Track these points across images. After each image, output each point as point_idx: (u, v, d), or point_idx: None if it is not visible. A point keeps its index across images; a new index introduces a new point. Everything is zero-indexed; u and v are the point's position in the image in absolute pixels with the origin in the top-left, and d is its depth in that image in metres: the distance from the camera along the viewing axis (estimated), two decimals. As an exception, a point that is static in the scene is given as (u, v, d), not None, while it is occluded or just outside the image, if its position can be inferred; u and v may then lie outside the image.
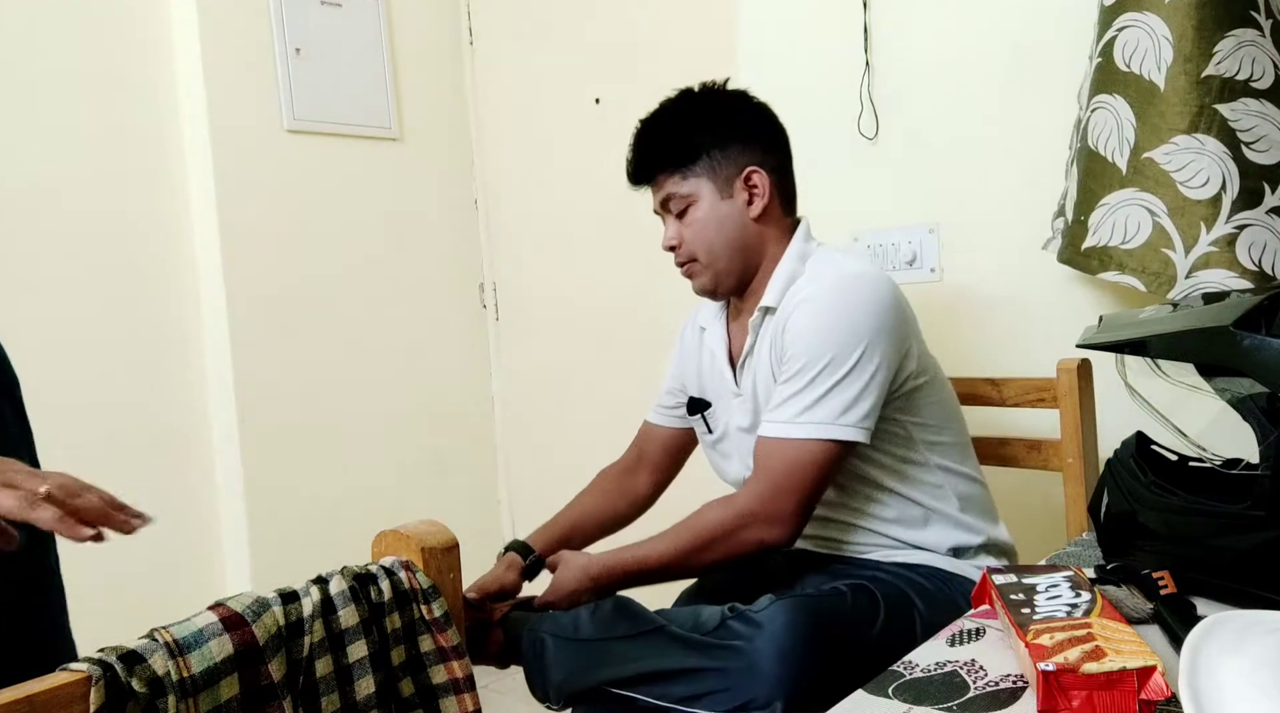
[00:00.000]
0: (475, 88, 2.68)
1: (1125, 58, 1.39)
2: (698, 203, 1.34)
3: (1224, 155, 1.32)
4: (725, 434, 1.41)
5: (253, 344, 2.21)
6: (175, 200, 2.19)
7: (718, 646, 1.12)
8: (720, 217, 1.34)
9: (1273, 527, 0.76)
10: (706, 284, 1.38)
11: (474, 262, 2.72)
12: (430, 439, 2.58)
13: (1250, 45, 1.31)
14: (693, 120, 1.35)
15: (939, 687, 0.72)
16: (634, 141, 1.38)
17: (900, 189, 1.81)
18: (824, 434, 1.21)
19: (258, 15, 2.23)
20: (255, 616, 0.58)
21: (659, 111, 1.38)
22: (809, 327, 1.24)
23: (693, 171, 1.33)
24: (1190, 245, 1.34)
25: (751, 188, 1.33)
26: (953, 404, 1.39)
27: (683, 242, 1.36)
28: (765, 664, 1.07)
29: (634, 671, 1.15)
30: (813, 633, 1.09)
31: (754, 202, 1.34)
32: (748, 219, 1.34)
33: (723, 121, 1.35)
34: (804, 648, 1.08)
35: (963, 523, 1.31)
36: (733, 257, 1.35)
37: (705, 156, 1.33)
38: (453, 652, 0.68)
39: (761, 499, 1.23)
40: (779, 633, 1.09)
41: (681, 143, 1.34)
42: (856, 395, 1.22)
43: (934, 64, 1.75)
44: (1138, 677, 0.61)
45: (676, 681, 1.12)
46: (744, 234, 1.34)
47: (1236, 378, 0.82)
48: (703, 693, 1.11)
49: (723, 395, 1.41)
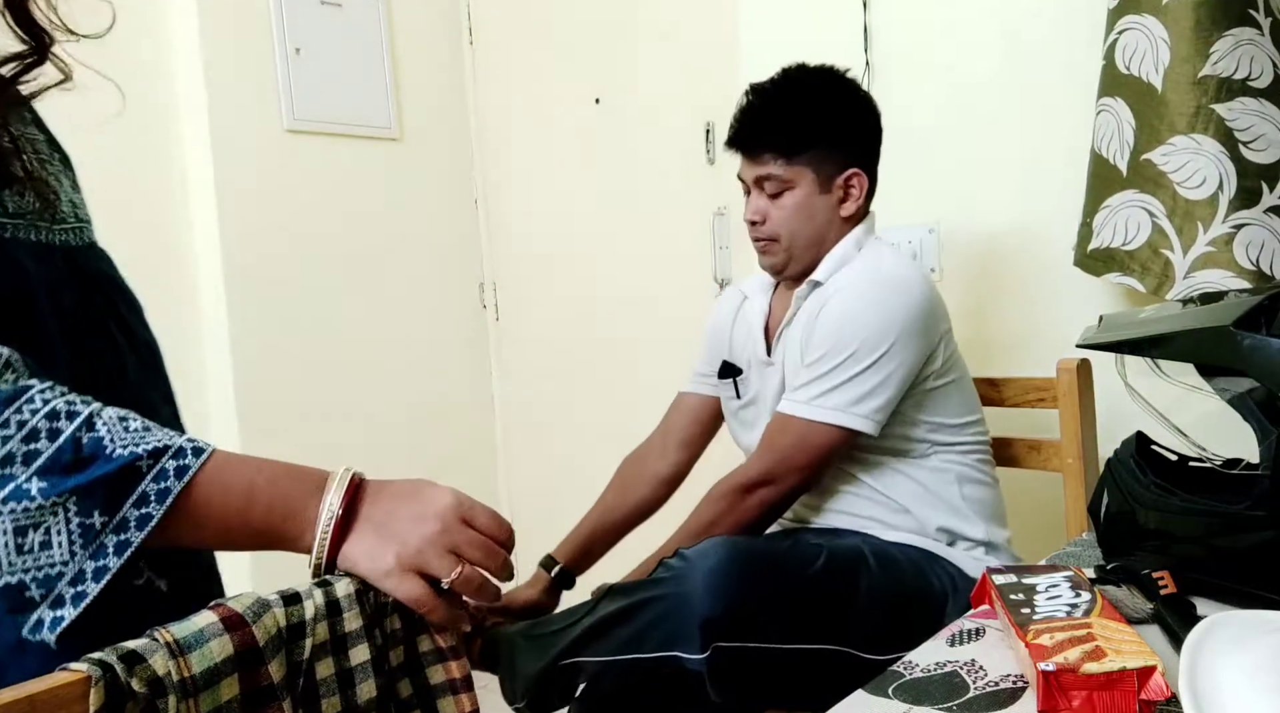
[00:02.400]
0: (475, 88, 2.68)
1: (1125, 60, 1.39)
2: (795, 189, 1.34)
3: (1221, 155, 1.32)
4: (753, 401, 1.43)
5: (253, 344, 2.21)
6: (175, 200, 2.19)
7: (654, 580, 1.15)
8: (813, 209, 1.35)
9: (1273, 527, 0.76)
10: (777, 263, 1.39)
11: (474, 262, 2.72)
12: (430, 439, 2.58)
13: (1249, 44, 1.31)
14: (812, 108, 1.34)
15: (939, 687, 0.72)
16: (745, 110, 1.36)
17: (900, 189, 1.81)
18: (835, 419, 1.26)
19: (258, 15, 2.23)
20: (256, 616, 0.58)
21: (779, 86, 1.36)
22: (842, 315, 1.28)
23: (799, 159, 1.33)
24: (1188, 246, 1.35)
25: (849, 188, 1.36)
26: (975, 409, 1.41)
27: (767, 219, 1.36)
28: (690, 588, 1.09)
29: (580, 630, 1.16)
30: (741, 562, 1.12)
31: (848, 201, 1.36)
32: (837, 217, 1.36)
33: (840, 117, 1.35)
34: (731, 575, 1.10)
35: (957, 508, 1.33)
36: (811, 247, 1.36)
37: (816, 148, 1.33)
38: (451, 652, 0.68)
39: (764, 469, 1.28)
40: (708, 560, 1.11)
41: (797, 128, 1.33)
42: (873, 388, 1.25)
43: (934, 64, 1.75)
44: (1138, 677, 0.61)
45: (616, 626, 1.14)
46: (828, 229, 1.37)
47: (1236, 378, 0.82)
48: (637, 633, 1.12)
49: (754, 364, 1.43)
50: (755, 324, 1.44)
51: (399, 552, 0.65)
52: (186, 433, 0.69)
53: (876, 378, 1.26)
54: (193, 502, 0.61)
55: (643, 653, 1.11)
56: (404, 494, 0.68)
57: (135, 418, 0.63)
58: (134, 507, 0.59)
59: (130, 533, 0.59)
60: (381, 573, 0.64)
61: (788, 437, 1.28)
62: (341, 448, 2.36)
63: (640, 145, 2.31)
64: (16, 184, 0.69)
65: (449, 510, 0.67)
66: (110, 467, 0.59)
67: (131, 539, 0.59)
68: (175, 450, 0.61)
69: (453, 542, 0.66)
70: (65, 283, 0.72)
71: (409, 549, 0.65)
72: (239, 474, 0.64)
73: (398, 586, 0.65)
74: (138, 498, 0.60)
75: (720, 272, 2.16)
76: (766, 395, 1.40)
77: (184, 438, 0.63)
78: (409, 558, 0.65)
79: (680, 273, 2.24)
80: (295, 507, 0.65)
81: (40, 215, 0.72)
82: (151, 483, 0.60)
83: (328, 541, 0.64)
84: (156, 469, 0.60)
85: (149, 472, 0.60)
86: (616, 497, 1.56)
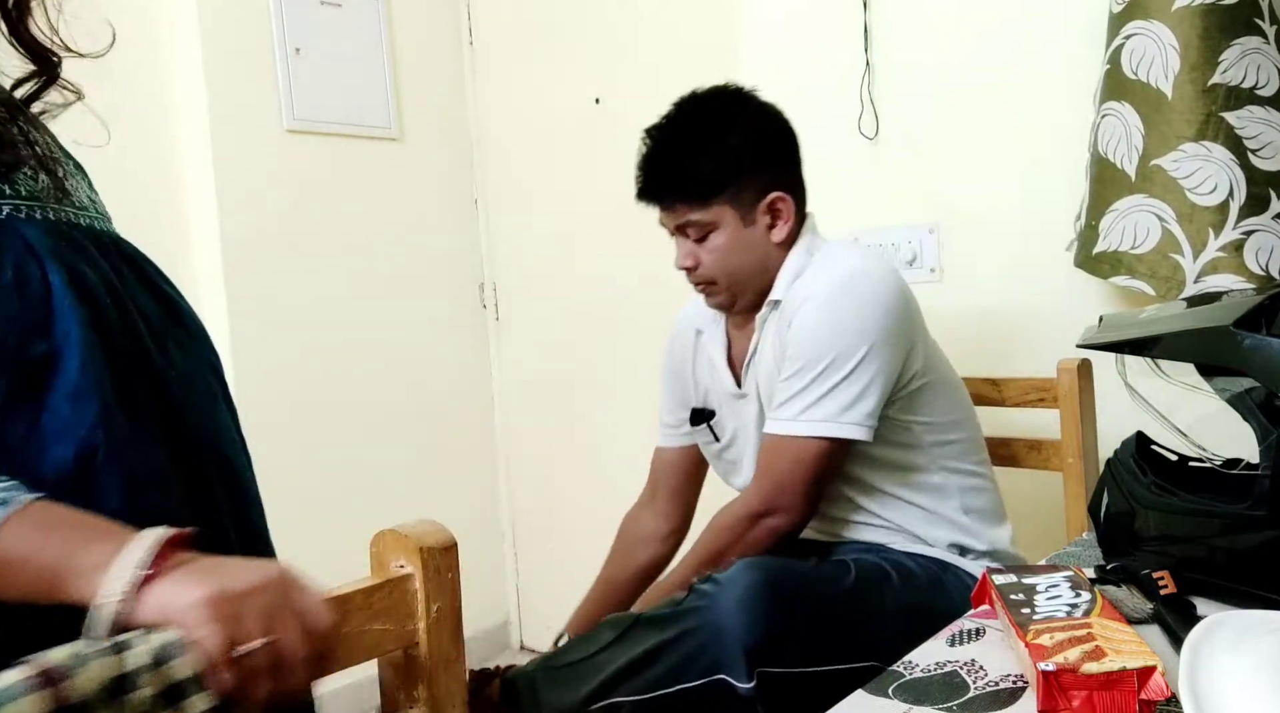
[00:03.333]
0: (475, 88, 2.68)
1: (1132, 66, 1.40)
2: (719, 230, 1.29)
3: (1231, 162, 1.33)
4: (733, 440, 1.39)
5: (253, 344, 2.21)
6: (175, 200, 2.19)
7: (685, 611, 1.12)
8: (743, 245, 1.30)
9: (1273, 527, 0.76)
10: (723, 303, 1.35)
11: (474, 262, 2.72)
12: (430, 439, 2.58)
13: (1255, 53, 1.32)
14: (711, 149, 1.27)
15: (939, 687, 0.72)
16: (646, 159, 1.31)
17: (900, 189, 1.81)
18: (826, 431, 1.22)
19: (258, 15, 2.23)
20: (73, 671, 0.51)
21: (671, 131, 1.31)
22: (812, 325, 1.24)
23: (713, 200, 1.28)
24: (1199, 251, 1.36)
25: (776, 213, 1.30)
26: (964, 405, 1.39)
27: (699, 263, 1.31)
28: (727, 619, 1.08)
29: (613, 669, 1.14)
30: (772, 585, 1.10)
31: (777, 226, 1.31)
32: (770, 245, 1.31)
33: (745, 146, 1.28)
34: (763, 599, 1.08)
35: (962, 525, 1.31)
36: (753, 278, 1.32)
37: (727, 185, 1.27)
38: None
39: (766, 497, 1.24)
40: (740, 586, 1.09)
41: (701, 171, 1.27)
42: (858, 394, 1.22)
43: (934, 64, 1.75)
44: (1138, 677, 0.61)
45: (653, 663, 1.11)
46: (765, 257, 1.31)
47: (1236, 378, 0.82)
48: (676, 665, 1.10)
49: (725, 400, 1.39)
50: (717, 358, 1.39)
51: (213, 591, 0.57)
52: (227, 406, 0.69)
53: (860, 383, 1.21)
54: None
55: (686, 683, 1.08)
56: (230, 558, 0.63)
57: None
58: None
59: None
60: (184, 605, 0.56)
61: (782, 458, 1.24)
62: (341, 448, 2.37)
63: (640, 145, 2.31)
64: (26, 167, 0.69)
65: (284, 572, 0.61)
66: None
67: None
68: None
69: (272, 604, 0.59)
70: (89, 259, 0.71)
71: (225, 593, 0.57)
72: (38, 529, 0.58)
73: (196, 626, 0.56)
74: None
75: (720, 272, 2.16)
76: (746, 430, 1.36)
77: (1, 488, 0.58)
78: (222, 602, 0.57)
79: (680, 273, 2.23)
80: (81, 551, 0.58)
81: (54, 197, 0.72)
82: None
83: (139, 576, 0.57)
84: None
85: None
86: (619, 565, 1.51)
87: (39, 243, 0.68)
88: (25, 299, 0.66)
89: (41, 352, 0.66)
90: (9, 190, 0.68)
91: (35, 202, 0.70)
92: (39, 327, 0.66)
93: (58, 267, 0.68)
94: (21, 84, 0.76)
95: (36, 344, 0.65)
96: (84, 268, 0.70)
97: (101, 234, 0.75)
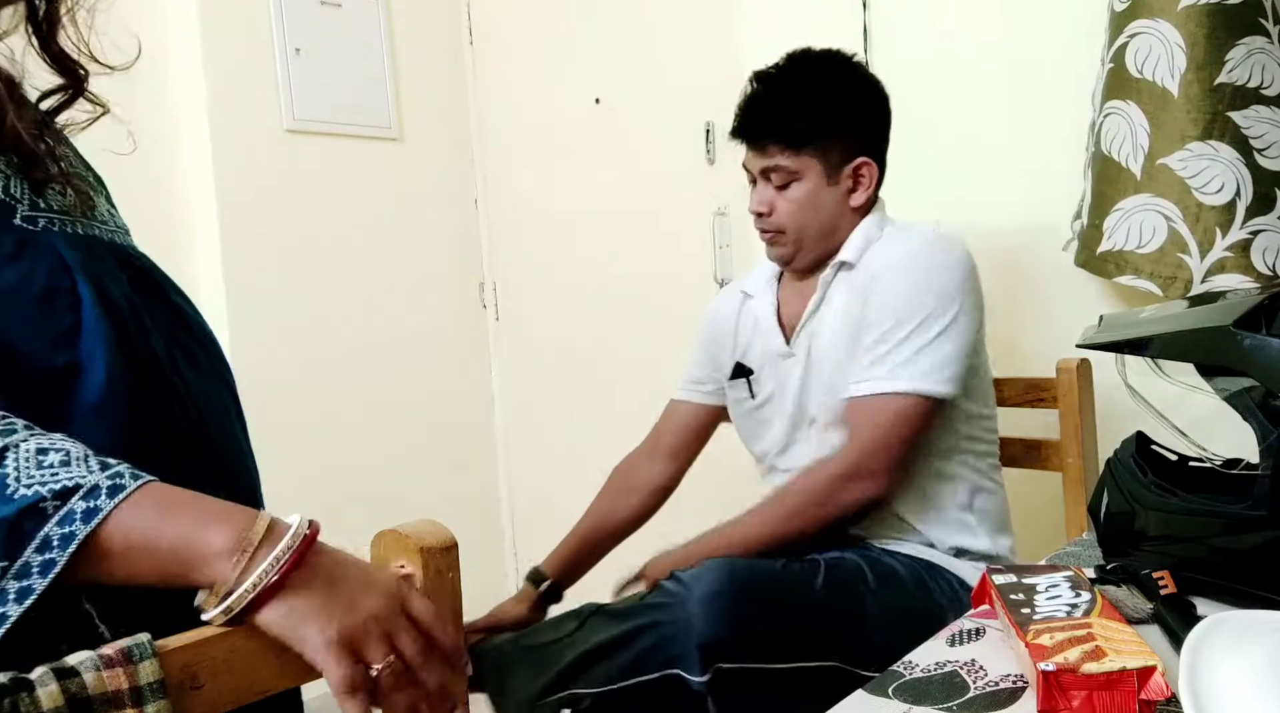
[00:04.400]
0: (475, 88, 2.68)
1: (1138, 64, 1.40)
2: (801, 181, 1.30)
3: (1237, 162, 1.33)
4: (769, 399, 1.39)
5: (253, 344, 2.21)
6: (175, 200, 2.19)
7: (648, 605, 1.13)
8: (821, 200, 1.31)
9: (1273, 527, 0.76)
10: (784, 255, 1.35)
11: (474, 262, 2.72)
12: (430, 439, 2.58)
13: (1260, 53, 1.32)
14: (818, 97, 1.30)
15: (939, 687, 0.72)
16: (750, 99, 1.33)
17: (900, 189, 1.80)
18: (915, 387, 1.21)
19: (258, 15, 2.23)
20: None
21: (783, 74, 1.33)
22: (903, 285, 1.24)
23: (806, 150, 1.29)
24: (1206, 250, 1.36)
25: (859, 178, 1.32)
26: (993, 403, 1.40)
27: (774, 211, 1.32)
28: (691, 616, 1.08)
29: (575, 654, 1.14)
30: (738, 586, 1.10)
31: (857, 191, 1.32)
32: (847, 207, 1.32)
33: (847, 105, 1.31)
34: (727, 598, 1.09)
35: (964, 524, 1.31)
36: (820, 239, 1.33)
37: (822, 138, 1.29)
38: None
39: (855, 458, 1.23)
40: (705, 585, 1.10)
41: (801, 119, 1.29)
42: (950, 354, 1.23)
43: (934, 64, 1.75)
44: (1138, 677, 0.61)
45: (614, 652, 1.12)
46: (838, 219, 1.33)
47: (1236, 378, 0.82)
48: (637, 658, 1.11)
49: (769, 360, 1.38)
50: (764, 319, 1.40)
51: (343, 625, 0.58)
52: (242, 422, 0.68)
53: (951, 343, 1.22)
54: (104, 545, 0.56)
55: (645, 676, 1.09)
56: (350, 556, 0.63)
57: (59, 450, 0.58)
58: (36, 552, 0.55)
59: (33, 579, 0.55)
60: (322, 644, 0.58)
61: (878, 417, 1.22)
62: (341, 448, 2.37)
63: (640, 145, 2.31)
64: (55, 183, 0.70)
65: (393, 590, 0.62)
66: (9, 509, 0.55)
67: (34, 586, 0.55)
68: (88, 490, 0.57)
69: (390, 627, 0.61)
70: (110, 274, 0.72)
71: (354, 624, 0.59)
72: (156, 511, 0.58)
73: (332, 664, 0.58)
74: (40, 543, 0.55)
75: (721, 271, 2.16)
76: (784, 390, 1.36)
77: (108, 474, 0.58)
78: (349, 634, 0.58)
79: (681, 273, 2.24)
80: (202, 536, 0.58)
81: (82, 212, 0.73)
82: (56, 526, 0.56)
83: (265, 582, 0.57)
84: (64, 511, 0.56)
85: (54, 514, 0.56)
86: (606, 508, 1.53)
87: (70, 257, 0.69)
88: (52, 310, 0.66)
89: (64, 362, 0.66)
90: (42, 204, 0.69)
91: (65, 216, 0.71)
92: (64, 338, 0.67)
93: (86, 281, 0.68)
94: (48, 96, 0.77)
95: (59, 354, 0.66)
96: (110, 283, 0.71)
97: (121, 249, 0.76)
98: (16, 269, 0.66)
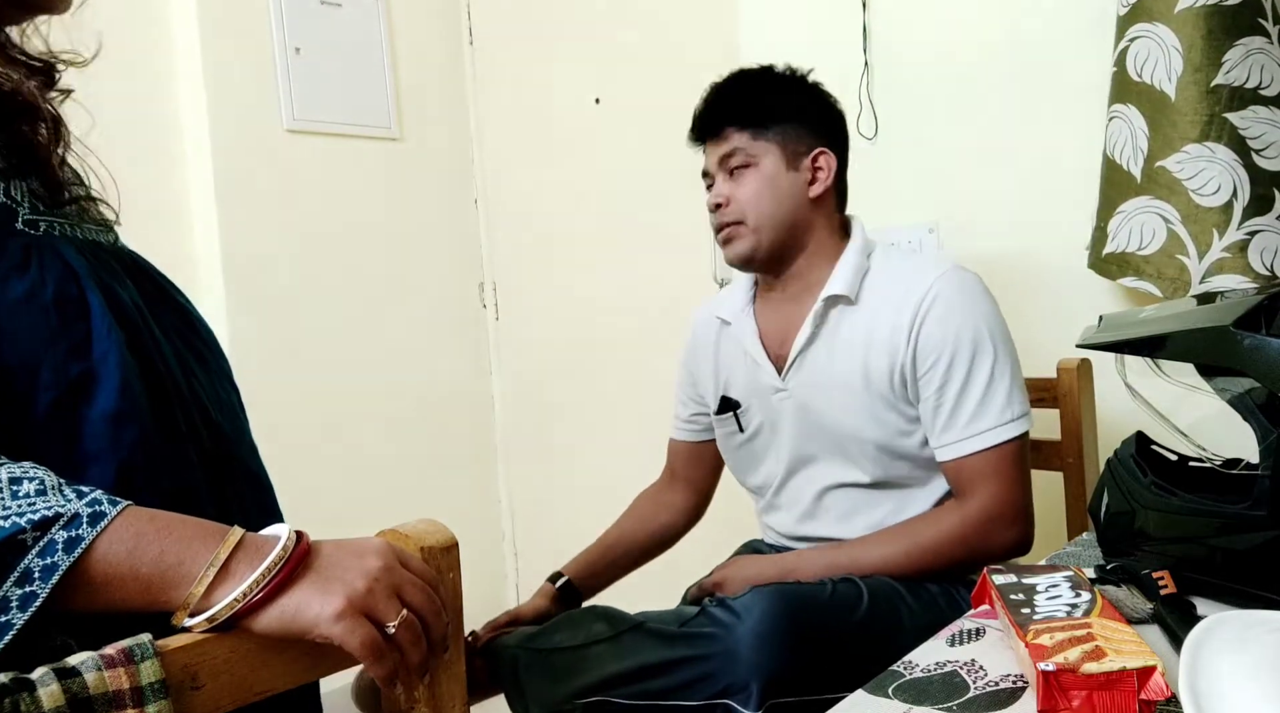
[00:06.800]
0: (475, 88, 2.68)
1: (1137, 68, 1.40)
2: (759, 166, 1.30)
3: (1234, 163, 1.33)
4: (758, 432, 1.37)
5: (253, 344, 2.21)
6: (175, 200, 2.19)
7: (697, 634, 1.11)
8: (779, 186, 1.30)
9: (1273, 527, 0.76)
10: (743, 250, 1.31)
11: (474, 261, 2.72)
12: (430, 439, 2.58)
13: (1259, 53, 1.32)
14: (776, 88, 1.33)
15: (939, 687, 0.72)
16: (709, 95, 1.35)
17: (899, 189, 1.81)
18: (1007, 435, 1.22)
19: (258, 15, 2.23)
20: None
21: (740, 73, 1.36)
22: (965, 322, 1.23)
23: (764, 134, 1.30)
24: (1204, 251, 1.36)
25: (817, 168, 1.32)
26: None
27: (732, 201, 1.31)
28: (743, 650, 1.07)
29: (611, 672, 1.13)
30: (791, 619, 1.09)
31: (816, 182, 1.31)
32: (805, 198, 1.31)
33: (805, 99, 1.34)
34: (782, 633, 1.07)
35: None
36: (779, 229, 1.30)
37: (781, 123, 1.30)
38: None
39: (992, 506, 1.22)
40: (757, 619, 1.08)
41: (761, 103, 1.31)
42: (1017, 376, 1.25)
43: (934, 64, 1.75)
44: (1138, 677, 0.61)
45: (655, 676, 1.11)
46: (796, 211, 1.31)
47: (1236, 378, 0.82)
48: (681, 684, 1.10)
49: (757, 393, 1.35)
50: (753, 348, 1.35)
51: (348, 594, 0.59)
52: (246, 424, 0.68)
53: (1013, 365, 1.24)
54: (86, 574, 0.55)
55: (690, 702, 1.09)
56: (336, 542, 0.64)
57: (32, 479, 0.56)
58: (16, 585, 0.53)
59: (12, 614, 0.53)
60: (331, 618, 0.59)
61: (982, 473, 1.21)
62: (341, 448, 2.37)
63: (640, 145, 2.31)
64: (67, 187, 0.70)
65: (387, 550, 0.64)
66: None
67: (13, 621, 0.53)
68: (68, 519, 0.55)
69: (395, 582, 0.62)
70: (117, 278, 0.71)
71: (358, 591, 0.60)
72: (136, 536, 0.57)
73: (350, 631, 0.59)
74: (19, 575, 0.53)
75: (720, 271, 2.16)
76: (776, 425, 1.33)
77: (85, 501, 0.57)
78: (359, 600, 0.60)
79: (680, 273, 2.24)
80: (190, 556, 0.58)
81: (82, 217, 0.72)
82: (36, 558, 0.54)
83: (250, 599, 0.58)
84: (44, 542, 0.54)
85: (34, 545, 0.54)
86: (636, 522, 1.51)
87: (76, 263, 0.68)
88: (64, 318, 0.66)
89: (79, 371, 0.66)
90: (42, 207, 0.68)
91: (64, 219, 0.70)
92: (77, 347, 0.66)
93: (95, 287, 0.68)
94: None
95: (74, 364, 0.65)
96: (117, 288, 0.70)
97: (119, 251, 0.75)
98: (25, 279, 0.65)
